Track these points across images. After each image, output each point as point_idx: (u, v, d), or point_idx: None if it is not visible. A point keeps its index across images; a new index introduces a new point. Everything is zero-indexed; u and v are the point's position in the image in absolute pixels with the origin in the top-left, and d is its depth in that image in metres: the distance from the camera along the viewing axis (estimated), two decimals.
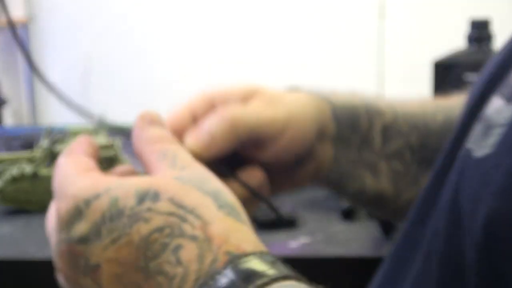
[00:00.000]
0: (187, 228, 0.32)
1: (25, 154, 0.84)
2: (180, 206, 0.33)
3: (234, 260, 0.31)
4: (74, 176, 0.36)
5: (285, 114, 0.46)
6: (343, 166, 0.50)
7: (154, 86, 3.09)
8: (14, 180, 0.78)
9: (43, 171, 0.80)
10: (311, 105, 0.49)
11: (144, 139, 0.41)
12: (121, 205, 0.33)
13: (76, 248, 0.33)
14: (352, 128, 0.51)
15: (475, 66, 0.96)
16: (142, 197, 0.33)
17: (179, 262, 0.31)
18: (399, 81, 2.97)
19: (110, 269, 0.33)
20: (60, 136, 0.87)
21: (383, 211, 0.54)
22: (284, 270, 0.31)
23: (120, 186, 0.35)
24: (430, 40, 2.79)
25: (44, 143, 0.87)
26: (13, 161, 0.82)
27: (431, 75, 0.98)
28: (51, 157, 0.82)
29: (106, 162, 0.80)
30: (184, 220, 0.32)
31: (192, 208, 0.33)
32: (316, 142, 0.48)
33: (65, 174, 0.37)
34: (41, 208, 0.80)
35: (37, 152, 0.84)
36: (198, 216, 0.33)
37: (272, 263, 0.31)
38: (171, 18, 3.06)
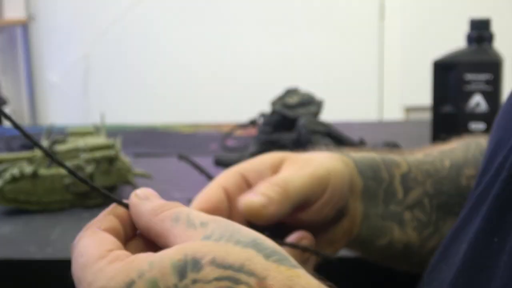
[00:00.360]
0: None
1: (25, 154, 0.84)
2: (226, 267, 0.29)
3: None
4: (99, 262, 0.32)
5: (325, 171, 0.46)
6: (372, 220, 0.50)
7: (153, 86, 3.09)
8: (14, 180, 0.78)
9: (43, 171, 0.80)
10: (339, 160, 0.48)
11: (147, 212, 0.36)
12: (161, 286, 0.30)
13: None
14: (376, 182, 0.51)
15: (475, 66, 0.96)
16: (182, 271, 0.30)
17: None
18: (399, 81, 2.97)
19: None
20: (60, 136, 0.87)
21: (408, 264, 0.53)
22: None
23: (153, 266, 0.30)
24: (430, 40, 2.79)
25: (44, 143, 0.87)
26: (13, 161, 0.82)
27: (431, 75, 0.98)
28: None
29: (106, 162, 0.80)
30: (236, 281, 0.29)
31: (240, 265, 0.29)
32: (349, 200, 0.48)
33: (88, 260, 0.33)
34: (41, 208, 0.80)
35: (37, 152, 0.84)
36: (250, 273, 0.29)
37: None
38: (171, 18, 3.06)
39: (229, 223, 0.33)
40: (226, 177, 0.45)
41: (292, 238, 0.44)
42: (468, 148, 0.59)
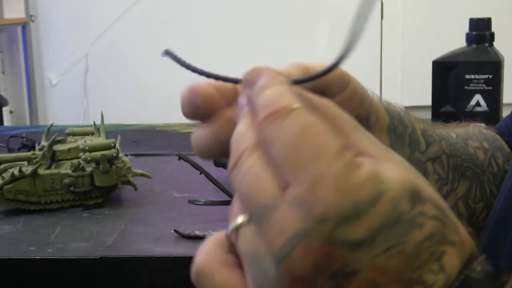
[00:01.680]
0: (448, 233, 0.30)
1: (25, 154, 0.84)
2: (439, 208, 0.30)
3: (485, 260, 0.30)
4: (349, 165, 0.29)
5: (347, 73, 0.45)
6: None
7: (153, 85, 3.09)
8: (14, 180, 0.78)
9: (43, 171, 0.80)
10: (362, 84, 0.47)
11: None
12: (400, 209, 0.29)
13: (339, 250, 0.28)
14: (401, 124, 0.50)
15: (475, 66, 0.96)
16: (414, 200, 0.29)
17: (442, 269, 0.29)
18: (399, 81, 2.97)
19: (371, 278, 0.28)
20: (60, 136, 0.87)
21: None
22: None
23: (394, 184, 0.29)
24: (430, 40, 2.79)
25: (44, 143, 0.87)
26: (13, 161, 0.82)
27: (431, 74, 0.99)
28: (51, 157, 0.82)
29: (106, 162, 0.80)
30: (445, 225, 0.30)
31: (445, 211, 0.30)
32: (372, 127, 0.47)
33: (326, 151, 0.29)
34: (41, 208, 0.80)
35: (37, 152, 0.84)
36: (451, 221, 0.30)
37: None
38: (171, 18, 3.06)
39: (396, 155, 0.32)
40: (290, 68, 0.44)
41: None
42: (467, 128, 0.60)
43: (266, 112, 0.31)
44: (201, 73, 0.38)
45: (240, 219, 0.31)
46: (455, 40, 1.26)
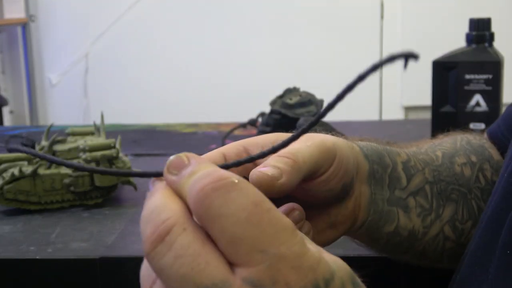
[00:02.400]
0: None
1: (25, 154, 0.84)
2: None
3: None
4: (303, 245, 0.29)
5: (331, 143, 0.45)
6: (379, 205, 0.50)
7: (153, 86, 3.09)
8: (14, 180, 0.78)
9: (43, 171, 0.80)
10: (343, 141, 0.48)
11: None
12: None
13: None
14: (381, 167, 0.51)
15: (475, 66, 0.96)
16: (354, 284, 0.30)
17: None
18: (399, 80, 2.97)
19: None
20: (60, 136, 0.87)
21: (411, 253, 0.54)
22: None
23: (339, 267, 0.29)
24: (430, 40, 2.79)
25: (44, 143, 0.87)
26: (13, 161, 0.82)
27: (431, 74, 0.98)
28: None
29: (106, 162, 0.80)
30: None
31: None
32: (354, 178, 0.48)
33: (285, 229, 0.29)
34: (41, 208, 0.80)
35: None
36: None
37: None
38: (171, 18, 3.06)
39: None
40: (228, 147, 0.44)
41: (282, 209, 0.44)
42: (455, 140, 0.60)
43: (202, 183, 0.28)
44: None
45: None
46: (455, 40, 1.26)
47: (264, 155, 0.36)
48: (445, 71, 0.98)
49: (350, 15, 2.98)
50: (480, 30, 0.96)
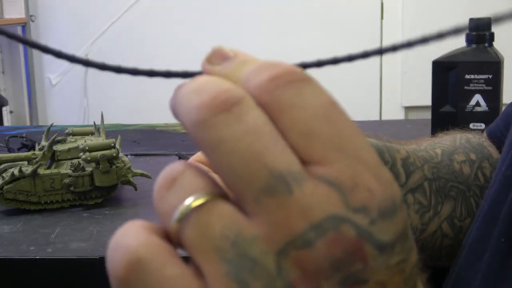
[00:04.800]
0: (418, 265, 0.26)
1: (25, 154, 0.84)
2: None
3: None
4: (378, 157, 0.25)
5: None
6: None
7: (153, 85, 3.09)
8: (14, 180, 0.78)
9: (43, 171, 0.80)
10: None
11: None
12: (408, 221, 0.25)
13: (368, 249, 0.23)
14: None
15: (475, 66, 0.96)
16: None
17: None
18: (399, 80, 2.97)
19: None
20: (60, 136, 0.87)
21: None
22: None
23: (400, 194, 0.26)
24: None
25: (44, 143, 0.87)
26: (13, 161, 0.82)
27: (431, 74, 0.98)
28: (51, 157, 0.82)
29: (106, 162, 0.80)
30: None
31: None
32: None
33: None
34: (41, 208, 0.80)
35: (37, 152, 0.84)
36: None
37: None
38: (171, 18, 3.06)
39: None
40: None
41: None
42: (454, 138, 0.61)
43: (275, 72, 0.24)
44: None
45: (203, 193, 0.23)
46: (455, 40, 1.26)
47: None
48: (445, 71, 0.98)
49: (350, 15, 2.98)
50: (480, 30, 0.96)
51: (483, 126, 0.96)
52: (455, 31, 0.27)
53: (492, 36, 0.97)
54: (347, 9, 2.98)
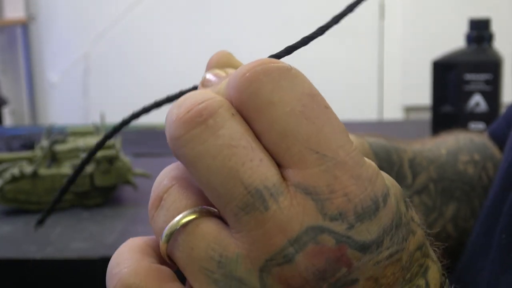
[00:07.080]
0: (428, 246, 0.26)
1: (25, 154, 0.84)
2: (420, 218, 0.26)
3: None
4: (360, 154, 0.25)
5: None
6: None
7: (153, 85, 3.09)
8: (14, 180, 0.78)
9: (43, 171, 0.80)
10: (353, 138, 0.46)
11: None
12: (400, 210, 0.24)
13: (350, 253, 0.22)
14: (388, 164, 0.51)
15: (475, 66, 0.96)
16: (406, 203, 0.25)
17: (427, 285, 0.25)
18: (399, 80, 2.97)
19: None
20: (60, 136, 0.87)
21: None
22: None
23: (393, 184, 0.25)
24: (430, 40, 2.79)
25: (44, 143, 0.87)
26: (13, 161, 0.82)
27: (431, 74, 0.98)
28: (51, 157, 0.82)
29: (106, 162, 0.80)
30: (426, 236, 0.26)
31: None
32: None
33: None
34: (41, 208, 0.80)
35: (37, 152, 0.84)
36: (428, 235, 0.27)
37: None
38: (171, 18, 3.06)
39: None
40: None
41: None
42: (457, 138, 0.61)
43: (250, 65, 0.24)
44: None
45: (187, 213, 0.23)
46: (455, 40, 1.26)
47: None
48: (445, 71, 0.98)
49: (350, 15, 2.98)
50: (480, 30, 0.96)
51: (483, 126, 0.96)
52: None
53: (491, 36, 0.97)
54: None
